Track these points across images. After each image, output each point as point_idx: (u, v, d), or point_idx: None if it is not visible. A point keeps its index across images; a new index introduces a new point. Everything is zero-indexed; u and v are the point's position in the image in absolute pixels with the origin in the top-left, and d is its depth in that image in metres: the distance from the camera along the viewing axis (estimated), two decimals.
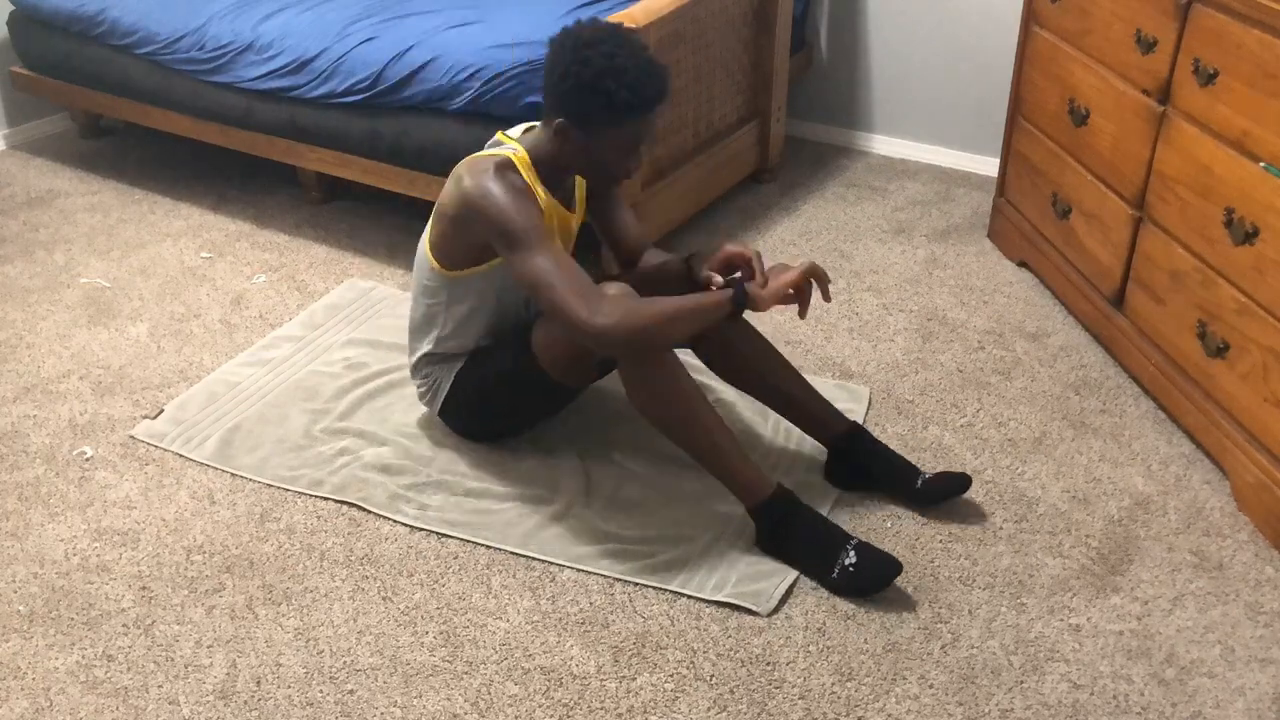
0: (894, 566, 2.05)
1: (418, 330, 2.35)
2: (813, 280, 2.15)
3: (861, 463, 2.30)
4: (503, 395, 2.32)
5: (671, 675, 1.93)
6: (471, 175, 2.09)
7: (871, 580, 2.06)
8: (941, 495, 2.26)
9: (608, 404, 2.58)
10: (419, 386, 2.42)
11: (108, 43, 3.51)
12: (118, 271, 3.20)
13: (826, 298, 2.18)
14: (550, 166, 2.17)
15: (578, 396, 2.43)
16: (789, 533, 2.11)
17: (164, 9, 3.43)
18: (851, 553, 2.07)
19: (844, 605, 2.06)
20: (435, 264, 2.24)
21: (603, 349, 2.09)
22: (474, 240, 2.15)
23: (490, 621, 2.04)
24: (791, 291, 2.13)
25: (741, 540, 2.18)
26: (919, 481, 2.26)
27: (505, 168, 2.10)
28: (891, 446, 2.46)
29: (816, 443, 2.40)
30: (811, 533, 2.11)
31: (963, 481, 2.26)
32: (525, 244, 2.04)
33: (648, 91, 2.03)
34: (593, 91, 2.01)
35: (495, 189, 2.06)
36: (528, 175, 2.14)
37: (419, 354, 2.36)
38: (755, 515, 2.14)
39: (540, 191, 2.15)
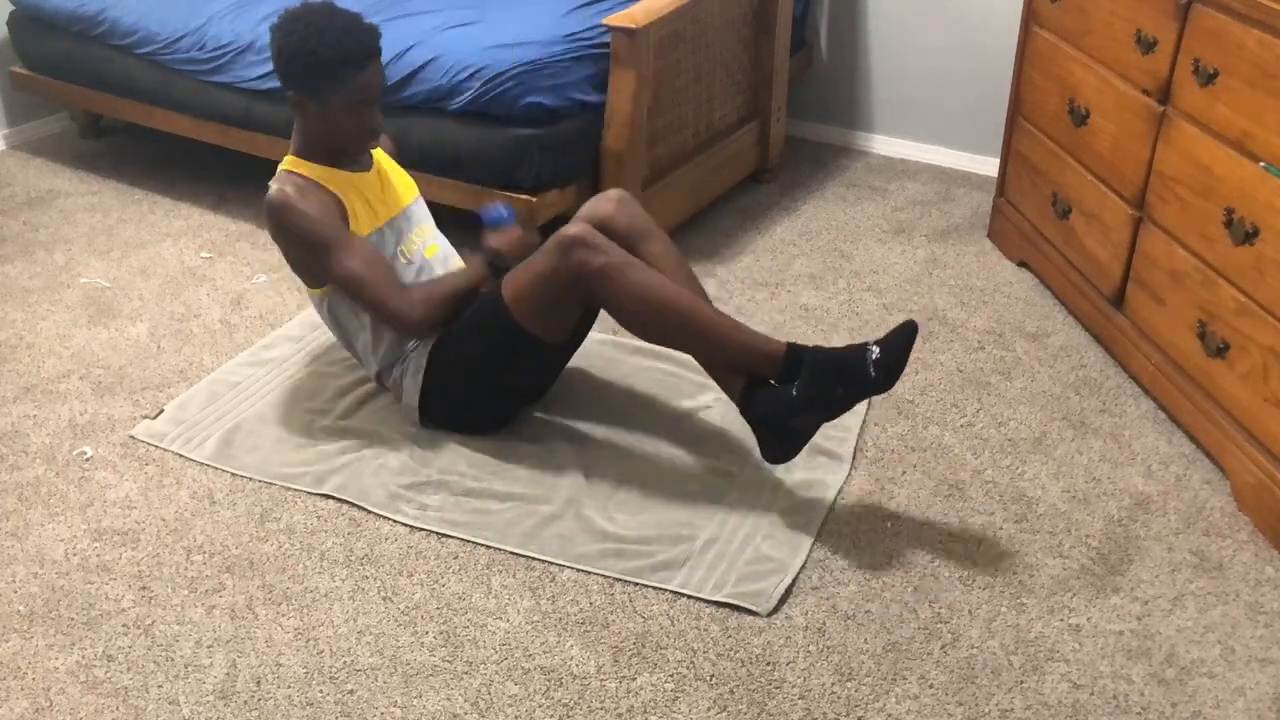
0: (909, 330, 2.13)
1: (361, 356, 2.50)
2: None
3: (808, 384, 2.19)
4: (490, 371, 2.38)
5: (671, 675, 1.93)
6: (270, 200, 2.33)
7: (899, 356, 2.11)
8: (899, 358, 2.12)
9: (607, 404, 2.58)
10: (392, 394, 2.53)
11: (108, 43, 3.51)
12: (118, 271, 3.20)
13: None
14: (316, 149, 2.38)
15: (565, 363, 2.53)
16: (817, 374, 2.15)
17: (164, 9, 3.43)
18: (875, 349, 2.12)
19: (844, 605, 2.06)
20: (320, 291, 2.43)
21: (421, 335, 2.38)
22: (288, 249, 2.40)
23: (490, 621, 2.04)
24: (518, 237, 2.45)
25: (740, 539, 2.18)
26: (870, 367, 2.11)
27: (282, 178, 2.35)
28: (891, 447, 2.46)
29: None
30: (835, 361, 2.14)
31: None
32: (331, 246, 2.31)
33: (349, 44, 2.26)
34: (303, 55, 2.26)
35: (292, 199, 2.30)
36: (305, 170, 2.36)
37: (374, 370, 2.50)
38: (783, 379, 2.20)
39: (320, 170, 2.36)
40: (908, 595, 2.08)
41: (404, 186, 2.52)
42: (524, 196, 2.93)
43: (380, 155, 2.52)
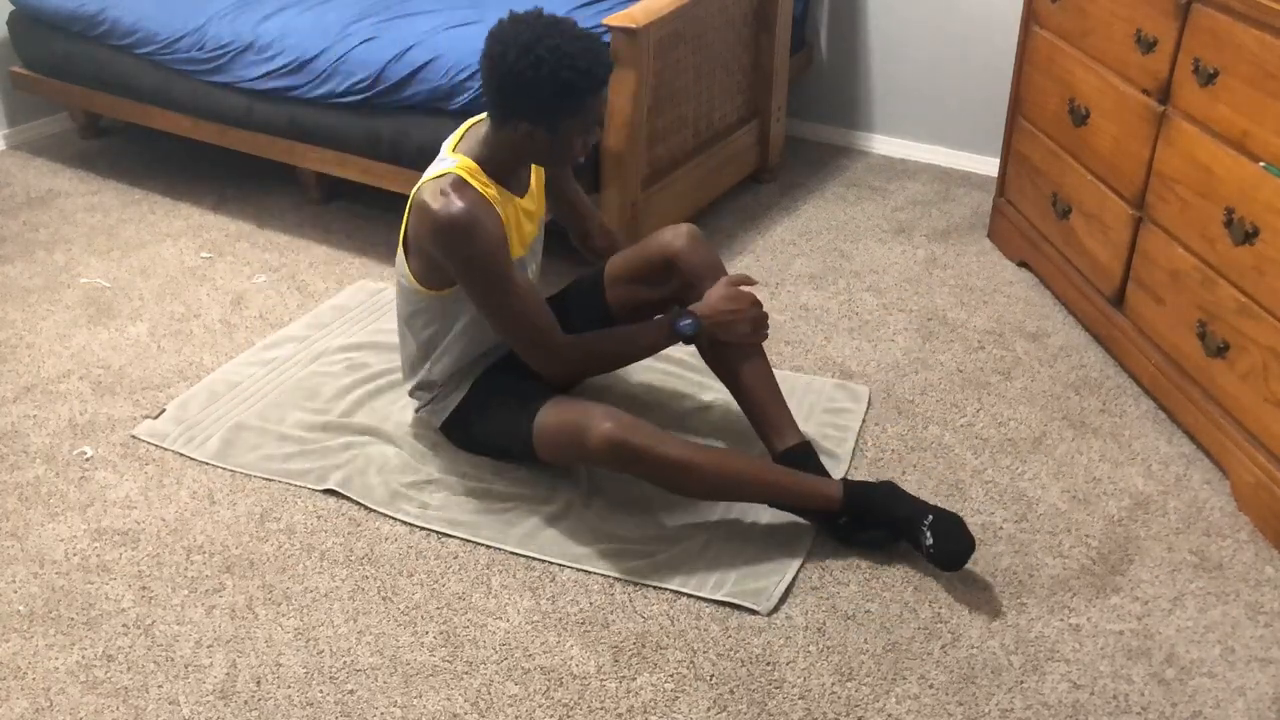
0: (965, 546, 2.05)
1: (415, 359, 2.36)
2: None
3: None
4: (510, 432, 2.29)
5: (671, 675, 1.93)
6: (435, 202, 2.09)
7: (947, 563, 2.07)
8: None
9: (607, 404, 2.57)
10: (419, 407, 2.45)
11: (108, 43, 3.51)
12: (118, 271, 3.20)
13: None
14: (502, 165, 2.17)
15: None
16: (875, 522, 2.15)
17: (164, 9, 3.43)
18: (928, 534, 2.07)
19: (844, 605, 2.06)
20: (424, 288, 2.24)
21: (553, 381, 2.25)
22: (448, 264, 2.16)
23: (490, 621, 2.04)
24: (736, 293, 2.22)
25: (739, 539, 2.18)
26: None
27: (460, 187, 2.10)
28: (891, 447, 2.46)
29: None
30: (891, 520, 2.13)
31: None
32: (488, 274, 2.11)
33: (599, 70, 2.06)
34: (553, 86, 2.02)
35: (461, 217, 2.07)
36: (478, 183, 2.13)
37: (417, 379, 2.38)
38: (846, 516, 2.15)
39: (492, 191, 2.15)
40: (908, 595, 2.08)
41: (540, 211, 2.36)
42: None
43: (536, 173, 2.35)
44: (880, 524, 2.15)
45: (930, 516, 2.08)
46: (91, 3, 3.53)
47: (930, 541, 2.06)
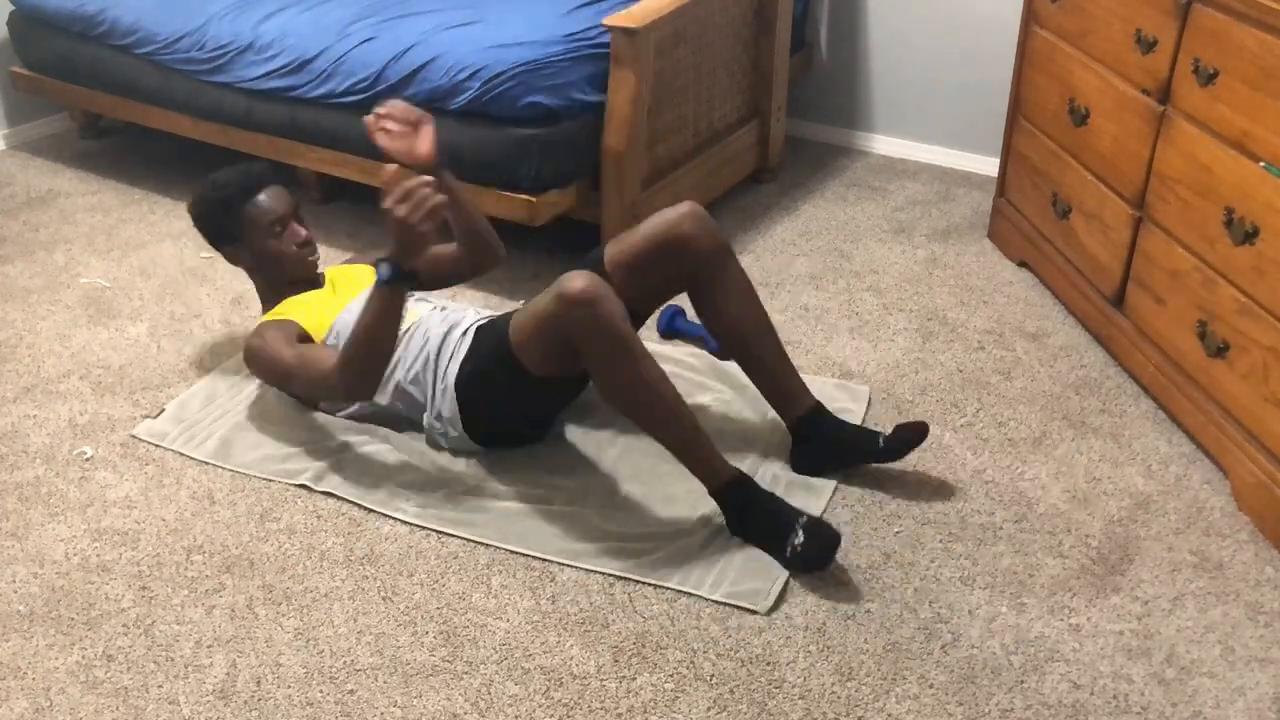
0: (832, 540, 2.08)
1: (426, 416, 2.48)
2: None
3: (824, 445, 2.34)
4: (513, 404, 2.36)
5: (671, 675, 1.93)
6: (245, 348, 2.48)
7: (814, 558, 2.09)
8: (903, 447, 2.29)
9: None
10: (446, 439, 2.42)
11: (108, 43, 3.51)
12: (118, 271, 3.20)
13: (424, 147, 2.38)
14: (272, 293, 2.55)
15: (557, 402, 2.47)
16: (748, 517, 2.16)
17: (164, 9, 3.43)
18: (800, 533, 2.08)
19: (844, 605, 2.06)
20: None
21: (352, 397, 2.37)
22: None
23: (490, 621, 2.04)
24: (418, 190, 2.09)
25: (737, 538, 2.18)
26: (880, 440, 2.30)
27: (256, 332, 2.46)
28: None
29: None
30: (765, 516, 2.14)
31: (921, 430, 2.27)
32: (280, 357, 2.39)
33: (235, 182, 2.51)
34: (205, 211, 2.54)
35: (254, 345, 2.43)
36: (273, 314, 2.48)
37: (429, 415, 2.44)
38: (718, 499, 2.18)
39: (279, 309, 2.49)
40: (908, 595, 2.08)
41: (348, 283, 2.57)
42: (524, 196, 2.93)
43: (335, 275, 2.61)
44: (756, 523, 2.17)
45: (802, 524, 2.10)
46: (91, 3, 3.53)
47: (800, 540, 2.08)
